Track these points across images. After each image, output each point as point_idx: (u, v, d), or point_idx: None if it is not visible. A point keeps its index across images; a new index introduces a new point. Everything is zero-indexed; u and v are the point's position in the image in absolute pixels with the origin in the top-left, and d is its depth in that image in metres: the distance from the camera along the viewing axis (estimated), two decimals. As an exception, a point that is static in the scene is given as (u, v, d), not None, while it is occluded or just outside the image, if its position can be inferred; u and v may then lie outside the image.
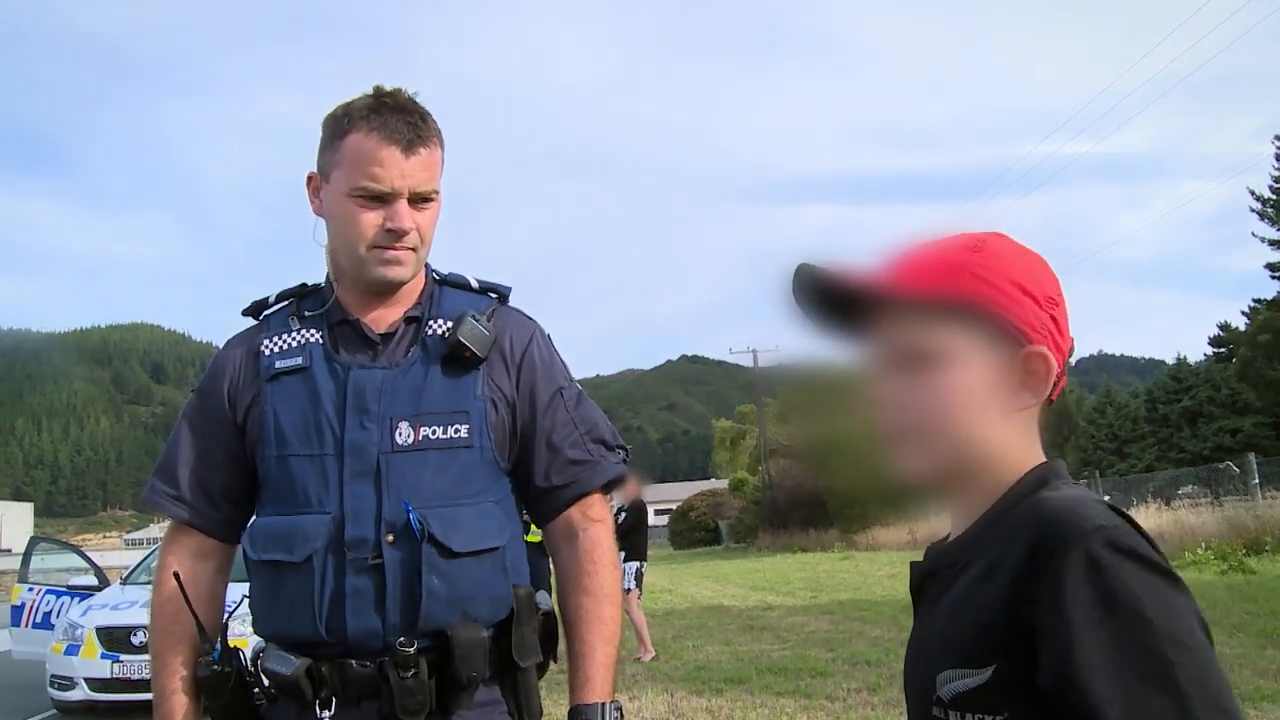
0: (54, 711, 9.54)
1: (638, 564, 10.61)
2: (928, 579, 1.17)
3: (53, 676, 9.24)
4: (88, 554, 11.61)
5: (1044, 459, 1.12)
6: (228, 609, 1.92)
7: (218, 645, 1.79)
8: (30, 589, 10.75)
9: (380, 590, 1.70)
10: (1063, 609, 0.93)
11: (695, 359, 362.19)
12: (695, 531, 56.04)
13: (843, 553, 31.03)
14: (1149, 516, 19.32)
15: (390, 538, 1.71)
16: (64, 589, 10.66)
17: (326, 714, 1.69)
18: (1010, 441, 1.10)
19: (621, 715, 1.79)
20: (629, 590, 10.53)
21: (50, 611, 10.46)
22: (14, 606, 10.76)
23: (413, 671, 1.66)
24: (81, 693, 8.94)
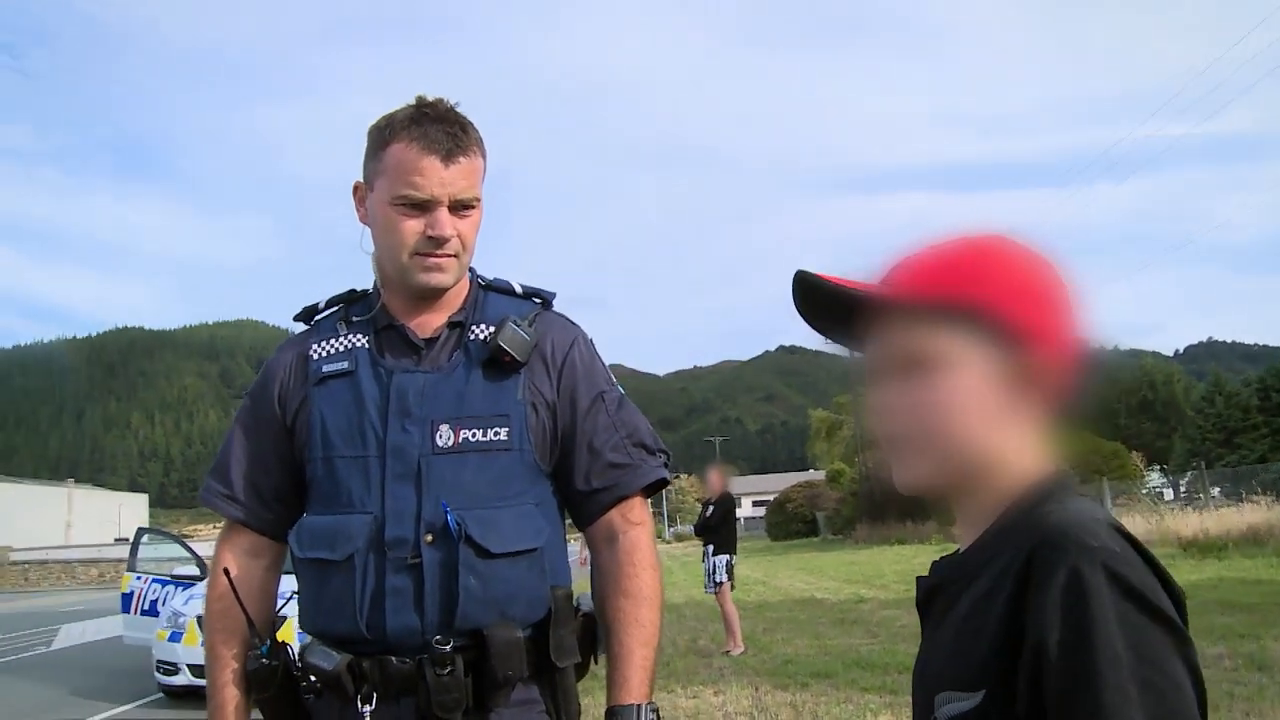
0: (160, 695, 9.91)
1: (728, 556, 10.61)
2: (935, 594, 1.15)
3: (158, 662, 9.60)
4: (192, 545, 11.98)
5: (1052, 466, 1.09)
6: (282, 598, 1.98)
7: (267, 641, 1.84)
8: (139, 577, 11.18)
9: (419, 589, 1.73)
10: (1041, 633, 0.91)
11: (792, 349, 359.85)
12: (792, 523, 55.67)
13: (941, 544, 30.55)
14: (1259, 511, 18.69)
15: (429, 538, 1.74)
16: (169, 578, 11.03)
17: (368, 708, 1.73)
18: (1015, 448, 1.07)
19: (659, 716, 1.80)
20: (721, 583, 10.54)
21: (156, 599, 10.84)
22: (124, 594, 11.21)
23: (449, 669, 1.69)
24: (185, 678, 9.25)
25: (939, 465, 1.10)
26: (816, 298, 1.16)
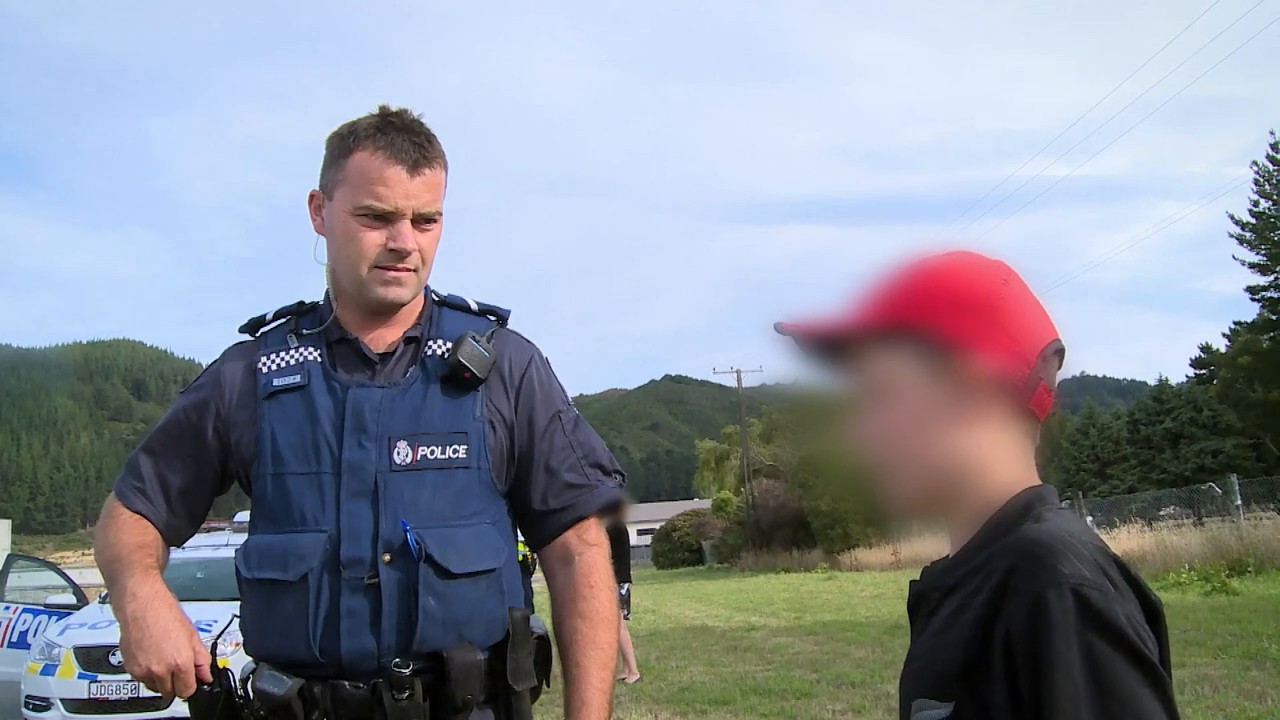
0: (30, 733, 9.42)
1: (618, 586, 10.56)
2: (921, 600, 1.15)
3: (28, 697, 9.10)
4: (66, 572, 11.49)
5: (1035, 479, 1.09)
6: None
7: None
8: (7, 607, 10.61)
9: (376, 611, 1.68)
10: (1011, 658, 0.92)
11: (679, 379, 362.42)
12: (678, 551, 56.06)
13: (826, 573, 31.01)
14: (1132, 538, 19.39)
15: (387, 557, 1.69)
16: (41, 607, 10.55)
17: None
18: (987, 457, 1.07)
19: None
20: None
21: (26, 630, 10.34)
22: (-11, 626, 10.65)
23: (408, 693, 1.64)
24: (58, 713, 8.80)
25: (917, 486, 1.11)
26: (801, 344, 1.18)
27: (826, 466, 34.68)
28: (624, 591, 10.63)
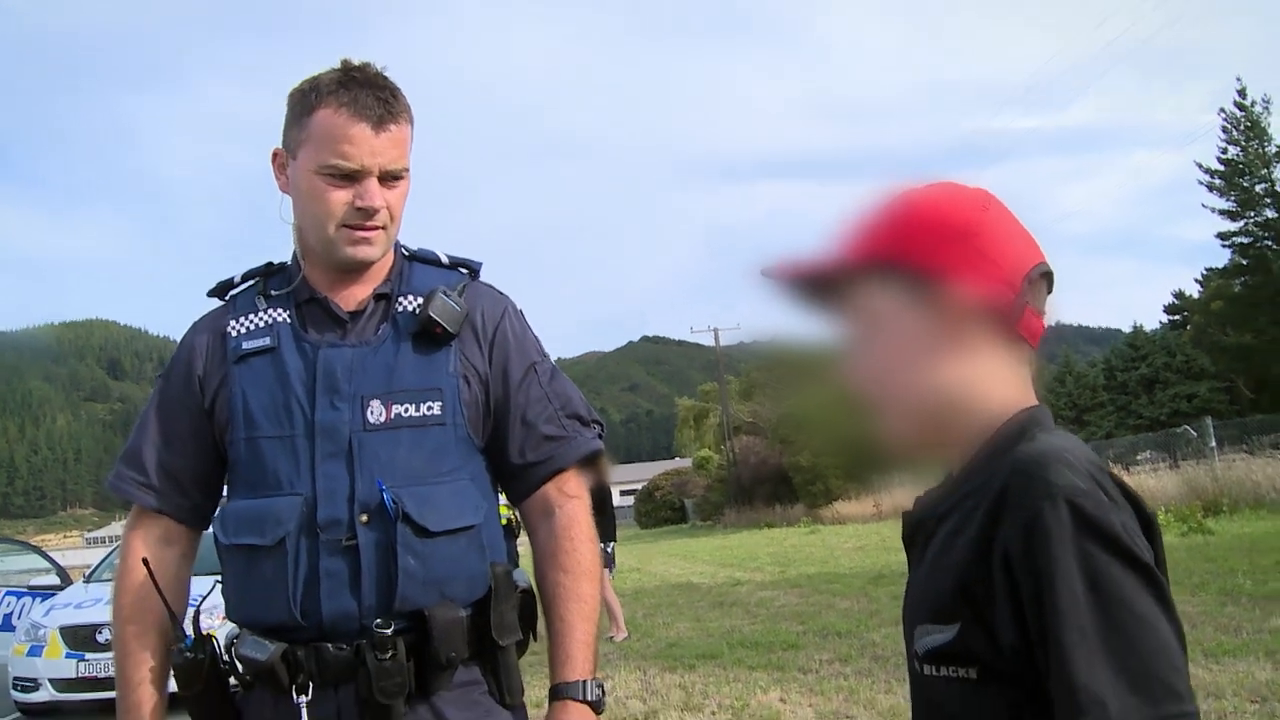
0: (17, 714, 9.40)
1: (602, 545, 10.54)
2: (917, 529, 1.15)
3: (15, 679, 9.10)
4: (49, 554, 11.45)
5: (1033, 400, 1.09)
6: (193, 603, 1.88)
7: (189, 633, 1.75)
8: (-11, 591, 10.60)
9: (355, 572, 1.66)
10: (1011, 574, 0.93)
11: (656, 339, 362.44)
12: (661, 511, 56.21)
13: (809, 527, 31.18)
14: (1109, 482, 19.56)
15: (364, 518, 1.68)
16: (25, 590, 10.51)
17: (304, 699, 1.66)
18: (979, 385, 1.07)
19: (604, 692, 1.77)
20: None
21: (11, 613, 10.31)
22: (-27, 610, 10.61)
23: (390, 653, 1.63)
24: (46, 693, 8.81)
25: (911, 420, 1.11)
26: (786, 285, 1.18)
27: (806, 422, 34.79)
28: (609, 550, 10.67)
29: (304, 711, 1.66)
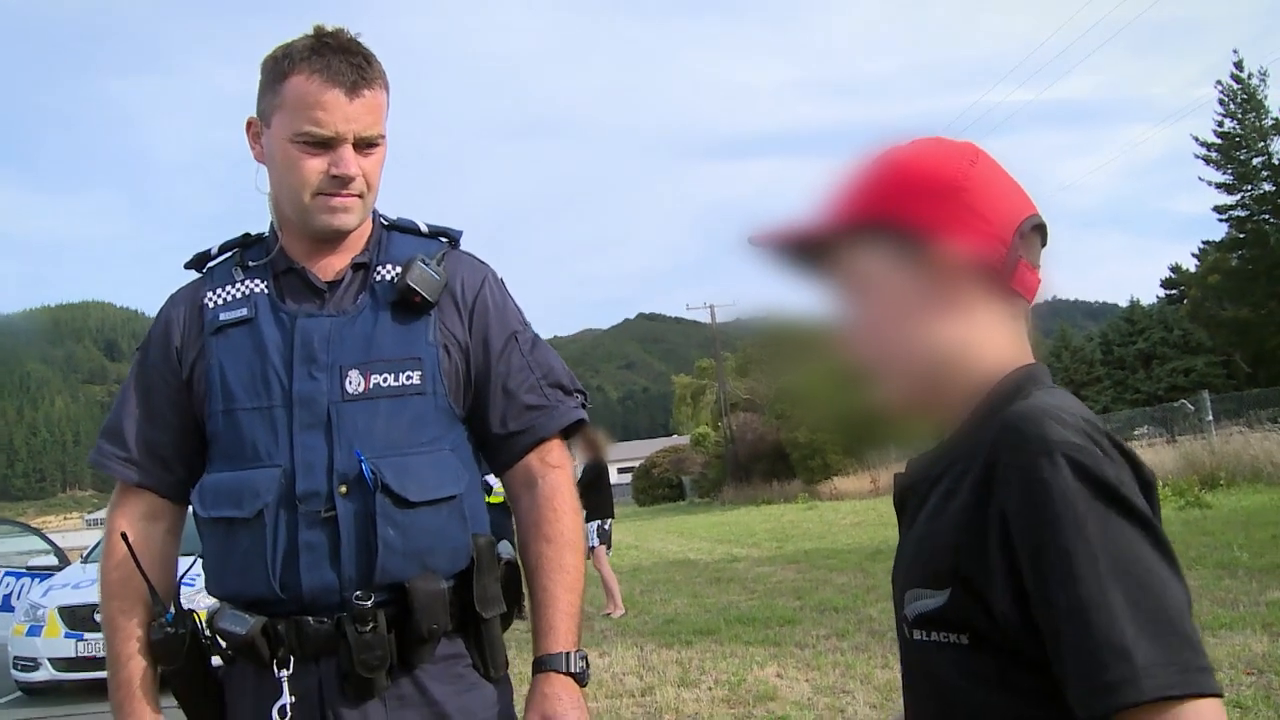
0: (18, 694, 9.44)
1: (598, 521, 10.56)
2: (909, 493, 1.13)
3: (15, 659, 9.14)
4: (48, 535, 11.47)
5: (1029, 358, 1.07)
6: (190, 583, 1.87)
7: (171, 608, 1.74)
8: (-11, 572, 10.62)
9: (334, 544, 1.65)
10: (1008, 534, 0.91)
11: (652, 317, 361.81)
12: (659, 488, 56.32)
13: (806, 503, 31.23)
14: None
15: (343, 489, 1.66)
16: (24, 570, 10.54)
17: (285, 673, 1.65)
18: (973, 343, 1.05)
19: (587, 664, 1.76)
20: (594, 547, 10.51)
21: (10, 593, 10.36)
22: (-29, 591, 10.63)
23: (371, 626, 1.61)
24: (46, 673, 8.85)
25: (906, 381, 1.09)
26: (777, 253, 1.15)
27: (803, 397, 34.80)
28: (606, 526, 10.66)
29: (285, 685, 1.64)
